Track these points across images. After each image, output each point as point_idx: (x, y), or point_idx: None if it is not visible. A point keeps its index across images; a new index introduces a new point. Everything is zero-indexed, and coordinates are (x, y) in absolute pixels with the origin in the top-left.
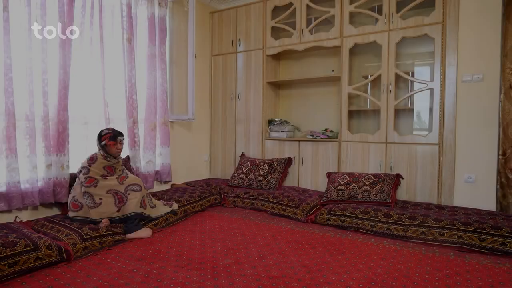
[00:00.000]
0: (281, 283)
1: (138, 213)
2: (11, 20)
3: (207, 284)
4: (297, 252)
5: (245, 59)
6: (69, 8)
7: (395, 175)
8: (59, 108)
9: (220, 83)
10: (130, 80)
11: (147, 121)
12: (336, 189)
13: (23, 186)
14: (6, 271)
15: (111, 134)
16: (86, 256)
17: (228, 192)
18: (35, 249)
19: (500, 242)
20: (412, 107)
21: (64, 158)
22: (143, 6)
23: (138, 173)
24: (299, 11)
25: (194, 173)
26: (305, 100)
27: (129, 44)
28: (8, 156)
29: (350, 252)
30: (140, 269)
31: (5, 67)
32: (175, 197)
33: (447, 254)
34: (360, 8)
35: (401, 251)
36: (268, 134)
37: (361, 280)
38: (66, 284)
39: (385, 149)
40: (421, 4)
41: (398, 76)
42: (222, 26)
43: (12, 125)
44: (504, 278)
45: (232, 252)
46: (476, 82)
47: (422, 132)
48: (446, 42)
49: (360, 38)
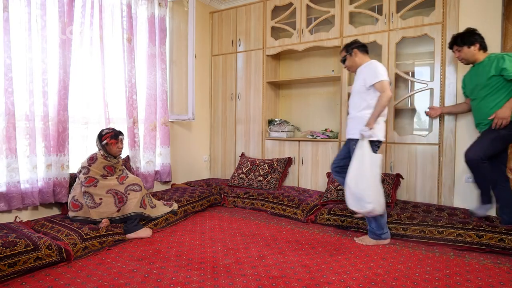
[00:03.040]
0: (281, 283)
1: (138, 213)
2: (11, 20)
3: (207, 284)
4: (297, 252)
5: (245, 59)
6: (69, 8)
7: (395, 175)
8: (59, 108)
9: (220, 83)
10: (130, 80)
11: (147, 121)
12: (336, 189)
13: (23, 186)
14: (6, 271)
15: (112, 133)
16: (86, 256)
17: (228, 192)
18: (35, 249)
19: (498, 239)
20: (412, 107)
21: (64, 158)
22: (143, 6)
23: (138, 173)
24: (299, 11)
25: (194, 173)
26: (305, 100)
27: (129, 44)
28: (8, 156)
29: (350, 252)
30: (140, 269)
31: (5, 67)
32: (175, 197)
33: (447, 254)
34: (360, 8)
35: (401, 251)
36: (268, 134)
37: (361, 280)
38: (66, 284)
39: (385, 149)
40: (421, 4)
41: (398, 76)
42: (222, 26)
43: (12, 125)
44: (504, 278)
45: (232, 252)
46: None
47: (422, 132)
48: (446, 42)
49: (360, 38)
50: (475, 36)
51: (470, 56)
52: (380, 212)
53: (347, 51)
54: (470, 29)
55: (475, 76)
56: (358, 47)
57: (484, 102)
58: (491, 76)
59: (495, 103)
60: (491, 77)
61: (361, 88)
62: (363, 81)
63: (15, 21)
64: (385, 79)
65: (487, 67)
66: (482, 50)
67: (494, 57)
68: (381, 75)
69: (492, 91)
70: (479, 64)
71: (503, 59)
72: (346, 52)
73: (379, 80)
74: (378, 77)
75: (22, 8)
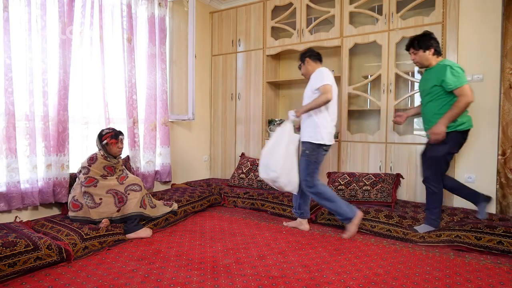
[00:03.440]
0: (281, 283)
1: (138, 213)
2: (11, 20)
3: (207, 284)
4: (297, 252)
5: (245, 59)
6: (69, 8)
7: (396, 174)
8: (59, 108)
9: (220, 83)
10: (130, 80)
11: (147, 121)
12: (337, 189)
13: (23, 186)
14: (6, 271)
15: (113, 133)
16: (86, 256)
17: (228, 192)
18: (35, 249)
19: (497, 241)
20: (412, 107)
21: (64, 158)
22: (143, 6)
23: (138, 173)
24: (299, 11)
25: (194, 173)
26: None
27: (129, 44)
28: (8, 156)
29: (350, 252)
30: (140, 269)
31: (5, 67)
32: (175, 197)
33: (447, 254)
34: (360, 8)
35: (401, 251)
36: (268, 134)
37: (361, 280)
38: (66, 284)
39: (385, 149)
40: (421, 4)
41: (398, 76)
42: (222, 26)
43: (12, 125)
44: (504, 278)
45: (232, 252)
46: (476, 82)
47: (422, 132)
48: (446, 42)
49: (360, 38)
50: (431, 41)
51: (424, 60)
52: (292, 190)
53: (301, 59)
54: (427, 33)
55: (424, 81)
56: (310, 56)
57: (426, 108)
58: (433, 85)
59: (435, 111)
60: (433, 86)
61: (309, 92)
62: (311, 86)
63: (15, 21)
64: (328, 83)
65: (433, 74)
66: (436, 55)
67: (442, 66)
68: (325, 80)
69: (434, 98)
70: (430, 69)
71: (445, 70)
72: (300, 61)
73: (322, 84)
74: (322, 81)
75: (22, 8)
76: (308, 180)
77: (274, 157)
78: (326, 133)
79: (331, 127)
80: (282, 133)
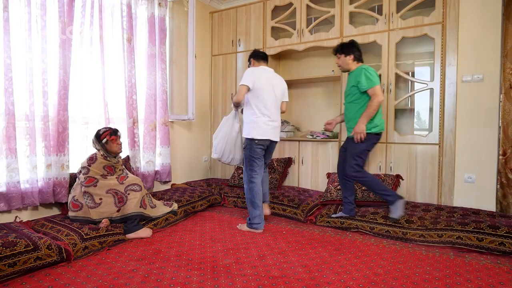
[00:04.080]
0: (281, 283)
1: (138, 213)
2: (11, 20)
3: (207, 284)
4: (297, 252)
5: (245, 59)
6: (69, 8)
7: (395, 175)
8: (59, 108)
9: (220, 83)
10: (130, 80)
11: (147, 121)
12: (336, 189)
13: (23, 186)
14: (6, 271)
15: (110, 130)
16: (86, 256)
17: (228, 192)
18: (35, 249)
19: (499, 242)
20: (412, 107)
21: (64, 158)
22: (143, 6)
23: (138, 173)
24: (299, 11)
25: (194, 173)
26: (305, 100)
27: (129, 44)
28: (8, 156)
29: (350, 252)
30: (140, 269)
31: (5, 67)
32: (175, 197)
33: (447, 254)
34: (360, 8)
35: (401, 251)
36: None
37: (361, 280)
38: (66, 284)
39: (385, 149)
40: (421, 4)
41: (398, 76)
42: (222, 26)
43: (12, 125)
44: (504, 278)
45: (232, 252)
46: (476, 82)
47: (422, 132)
48: (446, 42)
49: (360, 38)
50: (353, 49)
51: (345, 64)
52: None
53: (248, 60)
54: (352, 42)
55: (347, 84)
56: (253, 56)
57: (347, 108)
58: (352, 86)
59: (355, 111)
60: (352, 86)
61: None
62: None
63: (15, 21)
64: (242, 83)
65: (352, 77)
66: (356, 61)
67: (360, 69)
68: (243, 80)
69: (353, 99)
70: (351, 73)
71: (361, 73)
72: (248, 61)
73: (240, 84)
74: (241, 81)
75: (22, 8)
76: (248, 172)
77: (217, 140)
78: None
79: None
80: (226, 119)
